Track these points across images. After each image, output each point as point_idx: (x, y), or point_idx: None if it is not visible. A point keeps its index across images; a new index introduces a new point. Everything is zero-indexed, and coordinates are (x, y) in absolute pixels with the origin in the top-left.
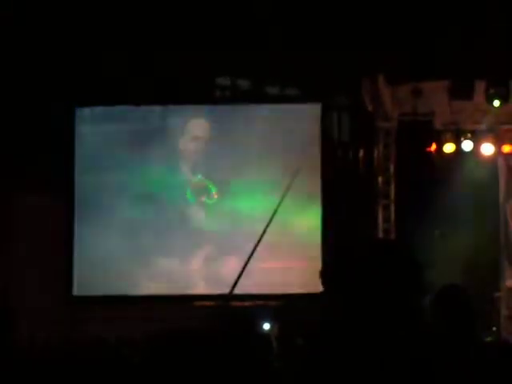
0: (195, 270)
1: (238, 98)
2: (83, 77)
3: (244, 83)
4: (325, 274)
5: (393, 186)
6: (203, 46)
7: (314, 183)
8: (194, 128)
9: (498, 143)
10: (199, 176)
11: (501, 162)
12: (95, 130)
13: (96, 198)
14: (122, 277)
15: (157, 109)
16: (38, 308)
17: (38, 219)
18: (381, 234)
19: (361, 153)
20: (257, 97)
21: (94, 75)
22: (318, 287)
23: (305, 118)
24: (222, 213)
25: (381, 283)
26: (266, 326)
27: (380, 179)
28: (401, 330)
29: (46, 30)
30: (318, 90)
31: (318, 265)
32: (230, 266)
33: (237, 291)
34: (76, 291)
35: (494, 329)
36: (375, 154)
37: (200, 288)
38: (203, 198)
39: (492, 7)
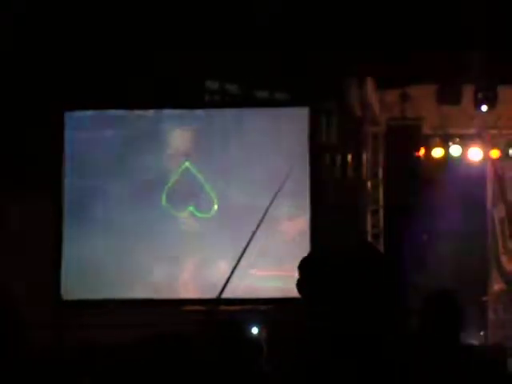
0: (185, 275)
1: (227, 102)
2: (72, 81)
3: (233, 87)
4: (300, 284)
5: (381, 191)
6: (192, 49)
7: (302, 188)
8: (183, 134)
9: (486, 148)
10: (189, 180)
11: (489, 166)
12: (85, 134)
13: (85, 203)
14: (111, 281)
15: (148, 114)
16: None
17: (26, 223)
18: (370, 239)
19: (349, 157)
20: (246, 101)
21: (82, 79)
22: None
23: (293, 122)
24: (212, 217)
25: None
26: (255, 330)
27: (369, 184)
28: (387, 335)
29: (35, 32)
30: (307, 94)
31: None
32: (220, 271)
33: (225, 295)
34: (64, 295)
35: (482, 333)
36: (364, 159)
37: (190, 293)
38: (193, 203)
39: (480, 12)
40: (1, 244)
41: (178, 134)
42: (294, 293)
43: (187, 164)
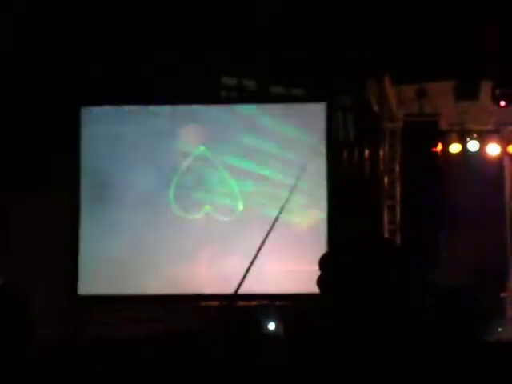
0: (202, 270)
1: (243, 98)
2: (88, 76)
3: (249, 83)
4: (321, 283)
5: (398, 187)
6: (208, 45)
7: (319, 184)
8: (197, 129)
9: (504, 143)
10: (204, 178)
11: (507, 162)
12: (102, 129)
13: (102, 198)
14: (126, 277)
15: (166, 111)
16: (42, 307)
17: (43, 219)
18: (386, 235)
19: (366, 153)
20: (262, 97)
21: (98, 74)
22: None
23: (310, 117)
24: (227, 213)
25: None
26: (272, 326)
27: (385, 180)
28: (401, 332)
29: (49, 28)
30: (324, 90)
31: None
32: (235, 267)
33: (241, 291)
34: (81, 290)
35: (500, 330)
36: (380, 155)
37: (206, 289)
38: (210, 201)
39: (498, 8)
40: (18, 241)
41: (194, 130)
42: (310, 288)
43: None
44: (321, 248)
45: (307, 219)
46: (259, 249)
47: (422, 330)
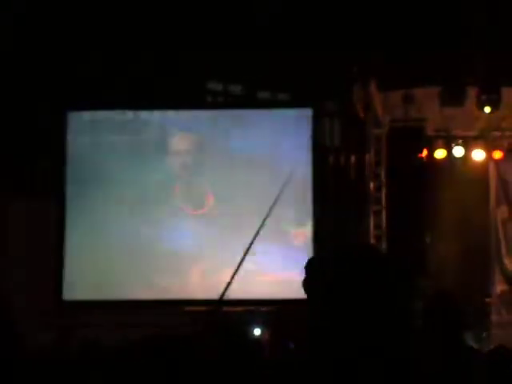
0: (191, 277)
1: (229, 103)
2: (73, 82)
3: (235, 88)
4: (307, 284)
5: (384, 192)
6: (195, 50)
7: (305, 189)
8: (185, 138)
9: (489, 149)
10: (192, 185)
11: (491, 168)
12: (88, 137)
13: (87, 203)
14: (112, 282)
15: (153, 119)
16: (27, 311)
17: (29, 223)
18: (372, 240)
19: (352, 159)
20: (248, 102)
21: (83, 78)
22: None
23: (295, 123)
24: (217, 222)
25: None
26: (257, 332)
27: (371, 185)
28: (389, 337)
29: (36, 32)
30: (309, 96)
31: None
32: (225, 274)
33: (228, 297)
34: (66, 296)
35: (484, 335)
36: (366, 160)
37: (194, 295)
38: (197, 208)
39: (483, 14)
40: (3, 245)
41: (182, 138)
42: (295, 294)
43: (191, 171)
44: (306, 253)
45: (293, 224)
46: (244, 255)
47: (410, 335)
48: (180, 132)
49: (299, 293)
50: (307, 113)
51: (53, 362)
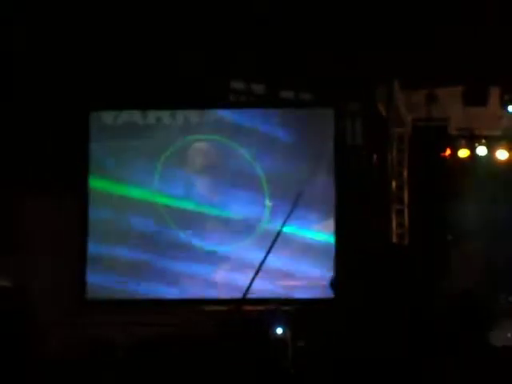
0: (214, 276)
1: (252, 102)
2: (97, 81)
3: (258, 87)
4: (335, 284)
5: (406, 191)
6: (217, 49)
7: (327, 189)
8: (208, 143)
9: None
10: (212, 187)
11: None
12: (111, 138)
13: (109, 204)
14: (134, 281)
15: (177, 124)
16: (50, 310)
17: (52, 221)
18: (395, 239)
19: (374, 158)
20: (271, 102)
21: (107, 79)
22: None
23: (318, 122)
24: (238, 224)
25: (395, 288)
26: (279, 331)
27: (394, 184)
28: (410, 334)
29: (59, 31)
30: (332, 95)
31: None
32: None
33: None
34: (89, 294)
35: (509, 335)
36: (389, 159)
37: (216, 294)
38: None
39: (507, 13)
40: (28, 243)
41: (204, 143)
42: (317, 294)
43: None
44: (330, 252)
45: (316, 224)
46: (265, 256)
47: (431, 332)
48: (203, 136)
49: (322, 293)
50: (329, 112)
51: (74, 360)
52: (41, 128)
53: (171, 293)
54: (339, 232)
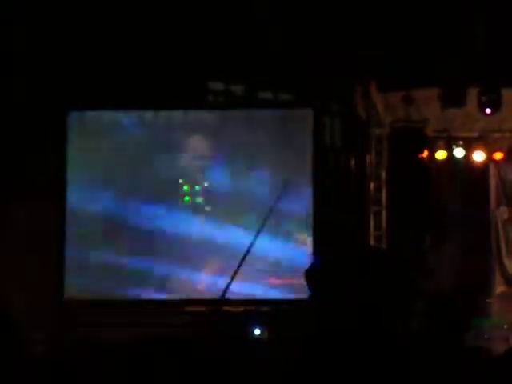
0: (194, 279)
1: (231, 103)
2: (75, 81)
3: (237, 88)
4: (310, 276)
5: (384, 193)
6: (196, 49)
7: (304, 190)
8: (193, 142)
9: (490, 150)
10: (197, 188)
11: (492, 169)
12: (90, 138)
13: (92, 202)
14: (112, 280)
15: (160, 122)
16: (28, 310)
17: (30, 222)
18: (372, 241)
19: (352, 159)
20: (250, 102)
21: (85, 79)
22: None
23: (297, 123)
24: (222, 225)
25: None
26: (257, 331)
27: (372, 186)
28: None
29: (39, 31)
30: (311, 96)
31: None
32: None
33: (227, 296)
34: (67, 294)
35: (486, 336)
36: (367, 161)
37: (195, 294)
38: (203, 210)
39: (482, 15)
40: (5, 245)
41: (189, 139)
42: (295, 295)
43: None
44: (306, 253)
45: (293, 225)
46: (244, 257)
47: (411, 335)
48: (188, 133)
49: (299, 293)
50: (308, 113)
51: (53, 362)
52: (25, 128)
53: (150, 293)
54: (316, 233)
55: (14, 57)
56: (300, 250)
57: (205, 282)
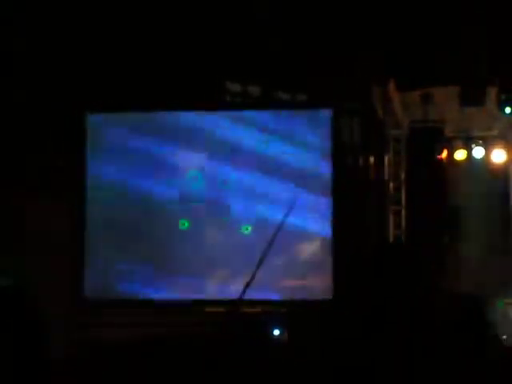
0: (208, 281)
1: (248, 103)
2: (93, 83)
3: (254, 89)
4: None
5: (403, 193)
6: (213, 50)
7: (325, 190)
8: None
9: (509, 150)
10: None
11: None
12: (108, 139)
13: (107, 203)
14: (132, 281)
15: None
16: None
17: (49, 222)
18: (392, 240)
19: (371, 159)
20: (267, 103)
21: (103, 81)
22: (328, 294)
23: (316, 124)
24: (236, 227)
25: (392, 286)
26: (277, 332)
27: (391, 185)
28: (413, 334)
29: (56, 32)
30: (329, 96)
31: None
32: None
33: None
34: (87, 294)
35: (505, 337)
36: (386, 161)
37: (212, 295)
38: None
39: (504, 12)
40: (27, 244)
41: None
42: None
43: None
44: (325, 253)
45: (312, 226)
46: (262, 258)
47: (431, 331)
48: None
49: (318, 295)
50: (327, 113)
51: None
52: (40, 128)
53: (169, 293)
54: (336, 233)
55: (14, 57)
56: (318, 249)
57: (220, 284)
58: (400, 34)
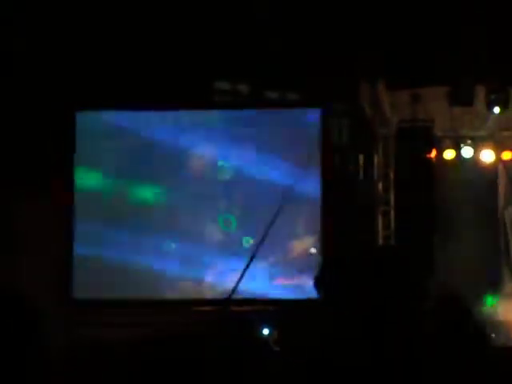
0: (203, 280)
1: (238, 103)
2: (82, 81)
3: (244, 88)
4: (319, 281)
5: (392, 193)
6: (202, 49)
7: (313, 189)
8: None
9: (498, 150)
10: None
11: (501, 168)
12: (97, 139)
13: (97, 202)
14: (122, 280)
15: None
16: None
17: (38, 221)
18: (381, 241)
19: (360, 159)
20: (257, 102)
21: (93, 79)
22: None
23: (304, 123)
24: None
25: (381, 288)
26: (266, 331)
27: (380, 185)
28: (401, 336)
29: (46, 31)
30: (318, 95)
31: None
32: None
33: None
34: (76, 294)
35: (493, 335)
36: (375, 160)
37: (207, 295)
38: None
39: (492, 13)
40: (14, 243)
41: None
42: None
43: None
44: (315, 252)
45: (301, 225)
46: (251, 257)
47: (421, 333)
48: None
49: (307, 294)
50: (316, 112)
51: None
52: (31, 128)
53: (159, 293)
54: (324, 233)
55: (14, 57)
56: (307, 248)
57: (212, 281)
58: (389, 34)
